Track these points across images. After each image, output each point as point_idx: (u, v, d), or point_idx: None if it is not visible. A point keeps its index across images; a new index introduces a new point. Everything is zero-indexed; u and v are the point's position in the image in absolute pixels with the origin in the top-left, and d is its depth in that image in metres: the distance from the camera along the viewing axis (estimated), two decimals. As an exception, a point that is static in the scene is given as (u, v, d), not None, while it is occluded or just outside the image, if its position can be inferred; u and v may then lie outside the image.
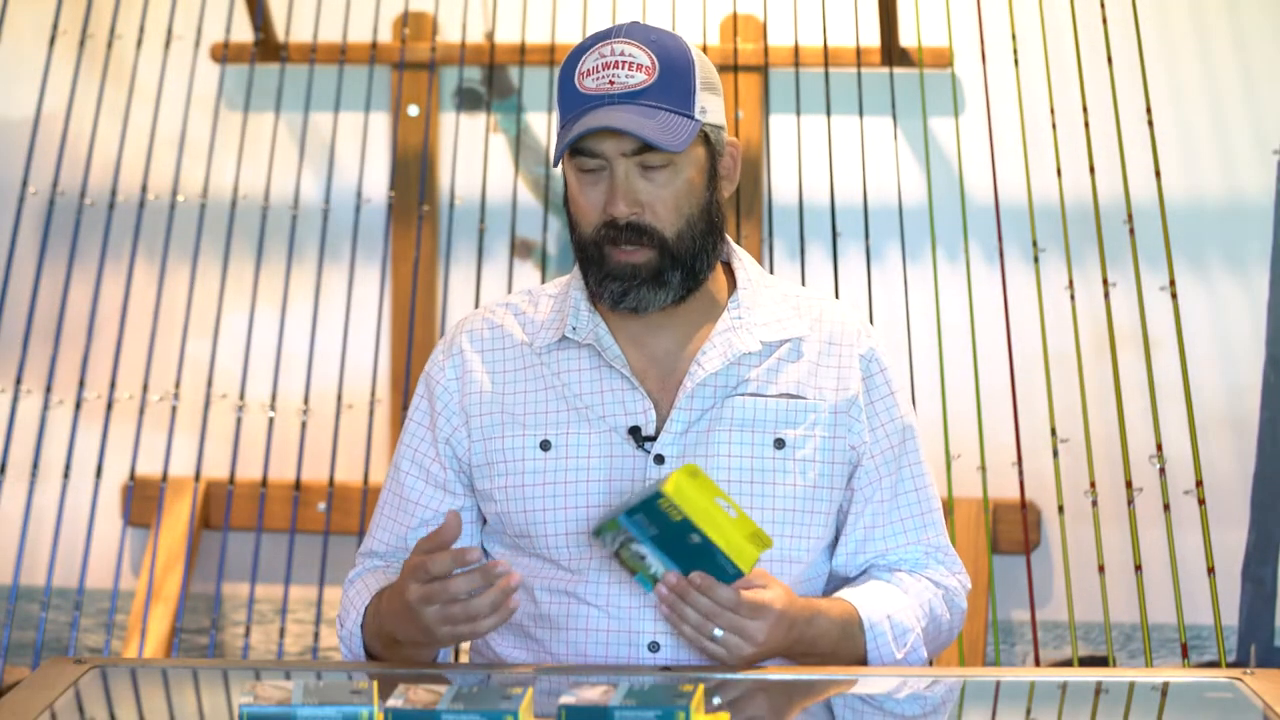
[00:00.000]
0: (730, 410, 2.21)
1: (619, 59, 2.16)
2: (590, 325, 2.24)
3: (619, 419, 2.21)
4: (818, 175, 3.87)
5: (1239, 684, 2.05)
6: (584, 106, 2.15)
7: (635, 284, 2.18)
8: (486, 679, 2.14)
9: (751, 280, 2.28)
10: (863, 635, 2.19)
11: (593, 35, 2.21)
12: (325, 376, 3.94)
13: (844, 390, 2.25)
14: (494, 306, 2.33)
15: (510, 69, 4.05)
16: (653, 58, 2.16)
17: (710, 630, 2.09)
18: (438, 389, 2.29)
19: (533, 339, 2.27)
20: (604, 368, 2.23)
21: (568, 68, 2.19)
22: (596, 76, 2.16)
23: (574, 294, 2.26)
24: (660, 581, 2.10)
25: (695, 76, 2.18)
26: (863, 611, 2.19)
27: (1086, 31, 3.75)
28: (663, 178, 2.17)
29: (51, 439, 3.97)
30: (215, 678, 2.16)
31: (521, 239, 4.04)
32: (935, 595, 2.28)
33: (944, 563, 2.32)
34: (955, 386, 3.70)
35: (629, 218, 2.16)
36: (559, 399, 2.23)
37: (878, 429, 2.27)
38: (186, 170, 4.00)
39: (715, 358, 2.22)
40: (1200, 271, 3.90)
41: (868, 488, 2.27)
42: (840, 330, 2.28)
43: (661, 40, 2.18)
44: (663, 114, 2.15)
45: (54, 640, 4.10)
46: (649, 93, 2.15)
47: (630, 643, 2.19)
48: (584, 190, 2.18)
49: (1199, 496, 3.35)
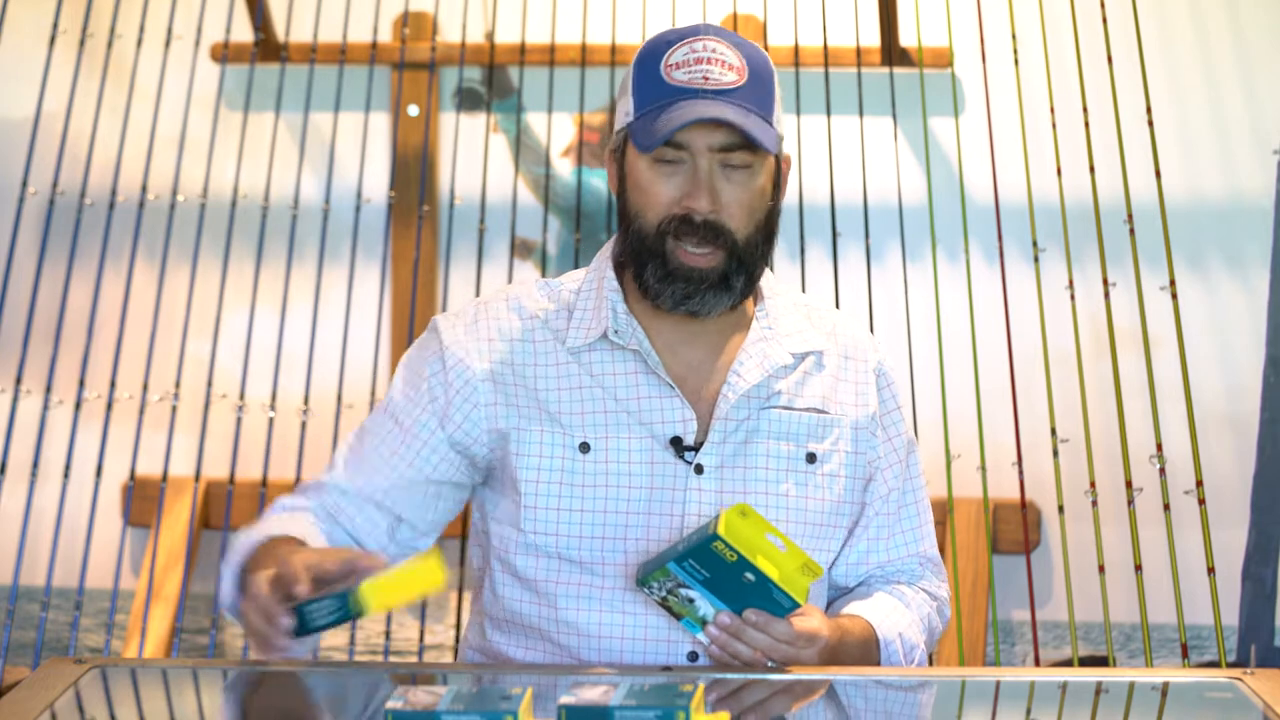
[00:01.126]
0: (766, 423, 2.20)
1: (711, 55, 2.14)
2: (630, 328, 2.20)
3: (659, 426, 2.18)
4: (818, 175, 3.87)
5: (1239, 684, 2.04)
6: (676, 97, 2.12)
7: (702, 287, 2.15)
8: (489, 679, 2.14)
9: (775, 291, 2.27)
10: (878, 652, 2.21)
11: (672, 31, 2.18)
12: (325, 376, 3.94)
13: (863, 406, 2.26)
14: (516, 296, 2.25)
15: (510, 69, 4.05)
16: (742, 60, 2.15)
17: (764, 664, 2.08)
18: (452, 362, 2.21)
19: (564, 336, 2.22)
20: (645, 373, 2.19)
21: (650, 58, 2.15)
22: (688, 70, 2.13)
23: (610, 294, 2.21)
24: (712, 623, 2.08)
25: (775, 86, 2.17)
26: (879, 631, 2.21)
27: (1086, 31, 3.75)
28: (742, 178, 2.14)
29: (51, 439, 3.97)
30: (215, 678, 2.16)
31: (521, 239, 4.04)
32: (932, 609, 2.32)
33: (935, 573, 2.35)
34: (955, 386, 3.70)
35: (708, 215, 2.13)
36: (597, 401, 2.19)
37: (887, 443, 2.29)
38: (186, 170, 4.00)
39: (753, 369, 2.20)
40: (1200, 271, 3.90)
41: (877, 501, 2.28)
42: (854, 344, 2.29)
43: (746, 46, 2.17)
44: (754, 116, 2.13)
45: (54, 640, 4.10)
46: (740, 93, 2.13)
47: (669, 652, 2.17)
48: (658, 180, 2.14)
49: (1199, 496, 3.35)
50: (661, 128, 2.11)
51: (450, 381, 2.21)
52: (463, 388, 2.21)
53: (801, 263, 3.85)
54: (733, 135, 2.12)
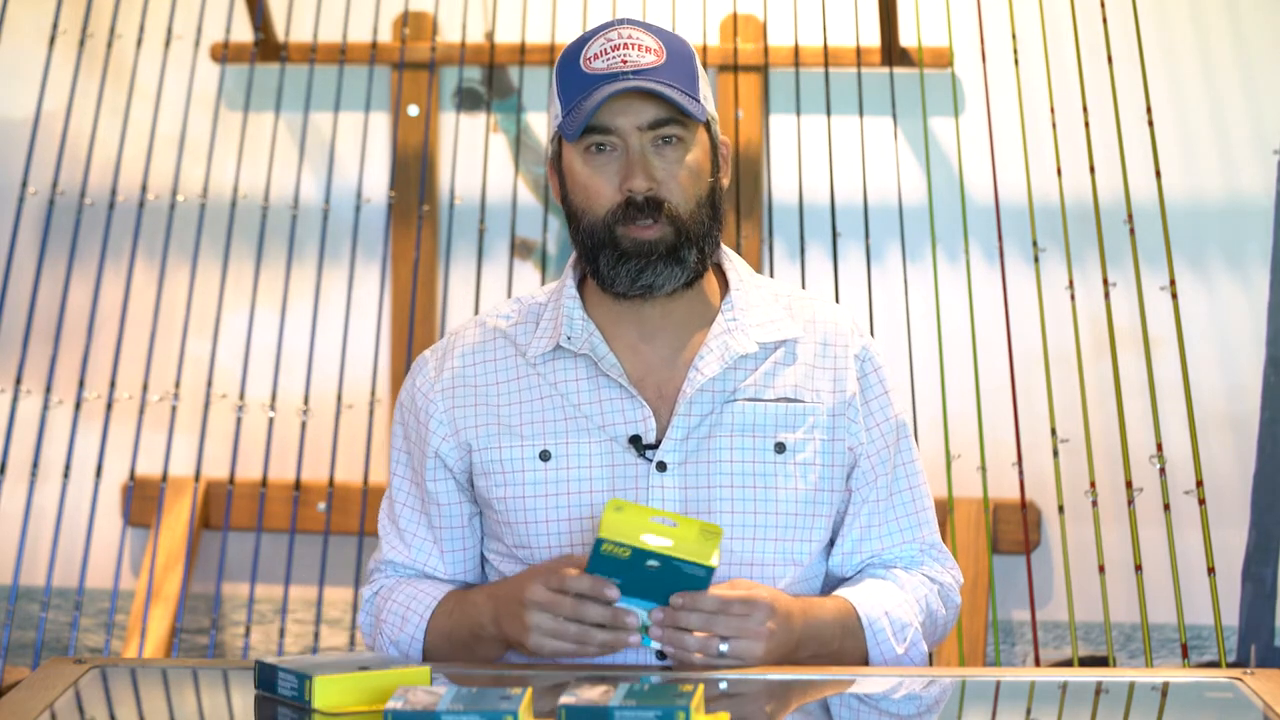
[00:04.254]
0: (730, 416, 2.21)
1: (628, 41, 2.18)
2: (585, 334, 2.23)
3: (619, 428, 2.20)
4: (818, 175, 3.87)
5: (1239, 684, 2.05)
6: (596, 84, 2.16)
7: (651, 260, 2.17)
8: (489, 679, 2.14)
9: (743, 280, 2.28)
10: (863, 633, 2.19)
11: (590, 30, 2.22)
12: (325, 376, 3.94)
13: (840, 392, 2.25)
14: (483, 318, 2.31)
15: (510, 69, 4.05)
16: (659, 43, 2.19)
17: (715, 647, 2.07)
18: (421, 400, 2.28)
19: (525, 349, 2.26)
20: (601, 376, 2.22)
21: (569, 58, 2.19)
22: (607, 58, 2.17)
23: (567, 302, 2.25)
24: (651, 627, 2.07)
25: (697, 64, 2.21)
26: (860, 609, 2.19)
27: (1086, 31, 3.76)
28: (675, 153, 2.17)
29: (51, 439, 3.97)
30: (215, 678, 2.16)
31: (521, 239, 4.04)
32: (931, 591, 2.28)
33: (938, 559, 2.32)
34: (955, 386, 3.70)
35: (647, 193, 2.16)
36: (556, 409, 2.22)
37: (873, 429, 2.27)
38: (186, 170, 4.01)
39: (713, 362, 2.21)
40: (1200, 271, 3.90)
41: (865, 488, 2.27)
42: (834, 331, 2.28)
43: (663, 31, 2.22)
44: (677, 91, 2.16)
45: (54, 640, 4.10)
46: (661, 70, 2.17)
47: (636, 654, 2.17)
48: (596, 173, 2.18)
49: (1199, 496, 3.35)
50: (586, 110, 2.14)
51: (422, 421, 2.28)
52: (428, 420, 2.27)
53: (801, 263, 3.85)
54: (659, 110, 2.16)
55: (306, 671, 1.90)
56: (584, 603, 2.05)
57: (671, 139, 2.17)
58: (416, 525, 2.30)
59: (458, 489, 2.27)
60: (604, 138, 2.16)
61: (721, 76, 3.98)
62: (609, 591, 2.04)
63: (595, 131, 2.16)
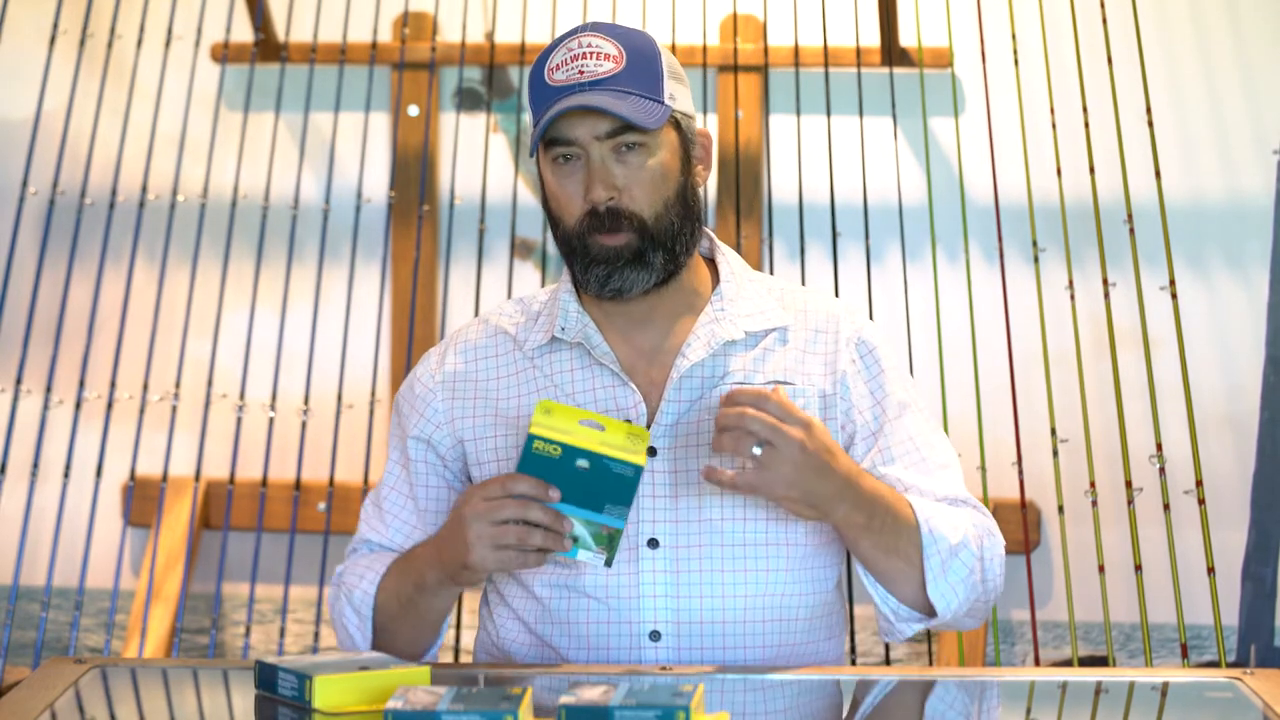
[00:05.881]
0: (718, 400, 2.22)
1: (586, 50, 2.20)
2: (579, 325, 2.27)
3: (610, 414, 2.22)
4: (818, 175, 3.87)
5: (1239, 684, 2.05)
6: (555, 97, 2.18)
7: (619, 266, 2.19)
8: (489, 679, 2.14)
9: (735, 273, 2.31)
10: (918, 528, 2.15)
11: (558, 37, 2.24)
12: (325, 376, 3.94)
13: (832, 374, 2.26)
14: (486, 316, 2.36)
15: (510, 69, 4.05)
16: (620, 48, 2.20)
17: (749, 446, 2.05)
18: (420, 389, 2.32)
19: (523, 343, 2.30)
20: (594, 365, 2.25)
21: (537, 69, 2.22)
22: (566, 69, 2.19)
23: (563, 296, 2.29)
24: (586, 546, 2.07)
25: (662, 64, 2.22)
26: (916, 509, 2.16)
27: (1086, 31, 3.76)
28: (637, 159, 2.19)
29: (51, 439, 3.97)
30: (215, 678, 2.16)
31: (521, 239, 4.04)
32: (973, 522, 2.23)
33: (975, 507, 2.27)
34: (955, 386, 3.70)
35: (608, 203, 2.18)
36: (550, 398, 2.24)
37: (875, 406, 2.26)
38: (186, 170, 4.01)
39: (699, 348, 2.23)
40: (1200, 271, 3.90)
41: (863, 460, 2.26)
42: (826, 318, 2.30)
43: (627, 33, 2.23)
44: (634, 98, 2.18)
45: (54, 640, 4.10)
46: (618, 79, 2.18)
47: (631, 633, 2.19)
48: (561, 183, 2.21)
49: (1199, 496, 3.35)
50: (542, 124, 2.18)
51: (419, 409, 2.32)
52: (425, 409, 2.31)
53: (801, 263, 3.85)
54: (614, 120, 2.17)
55: (307, 671, 1.90)
56: (526, 503, 2.07)
57: (633, 145, 2.18)
58: (401, 508, 2.33)
59: (443, 470, 2.31)
60: (567, 149, 2.19)
61: (721, 76, 3.98)
62: (550, 492, 2.06)
63: (559, 143, 2.19)
